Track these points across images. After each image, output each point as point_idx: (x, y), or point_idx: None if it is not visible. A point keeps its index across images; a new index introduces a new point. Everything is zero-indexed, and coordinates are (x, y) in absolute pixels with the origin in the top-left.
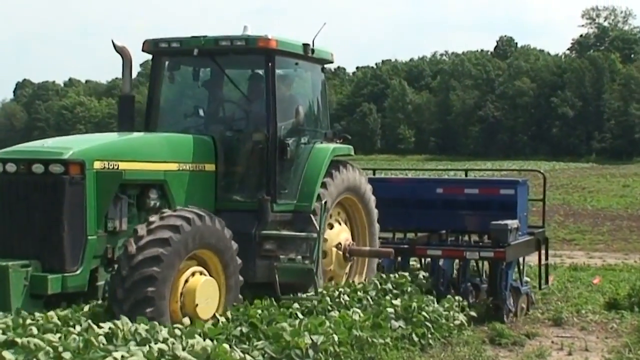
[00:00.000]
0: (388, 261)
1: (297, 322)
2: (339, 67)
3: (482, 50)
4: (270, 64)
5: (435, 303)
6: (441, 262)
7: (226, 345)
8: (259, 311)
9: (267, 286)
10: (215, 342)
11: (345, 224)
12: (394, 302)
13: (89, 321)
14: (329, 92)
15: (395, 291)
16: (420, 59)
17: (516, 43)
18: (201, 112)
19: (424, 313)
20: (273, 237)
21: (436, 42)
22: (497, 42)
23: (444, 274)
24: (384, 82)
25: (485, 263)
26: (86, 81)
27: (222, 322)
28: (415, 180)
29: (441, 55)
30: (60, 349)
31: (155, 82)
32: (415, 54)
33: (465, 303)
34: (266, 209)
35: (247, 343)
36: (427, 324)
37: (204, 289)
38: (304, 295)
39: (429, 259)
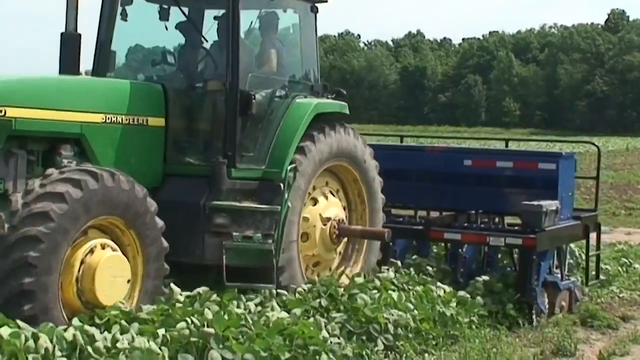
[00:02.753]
0: (403, 244)
1: (377, 295)
2: (444, 38)
3: (592, 24)
4: None
5: None
6: (465, 247)
7: (309, 320)
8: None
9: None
10: (293, 313)
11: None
12: (479, 278)
13: None
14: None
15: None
16: (528, 31)
17: (628, 16)
18: (163, 58)
19: (510, 290)
20: (226, 210)
21: (545, 14)
22: (609, 15)
23: (466, 262)
24: (490, 53)
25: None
26: None
27: (300, 292)
28: (438, 149)
29: (550, 27)
30: None
31: (108, 19)
32: (523, 26)
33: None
34: (220, 174)
35: (325, 315)
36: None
37: (105, 269)
38: (258, 285)
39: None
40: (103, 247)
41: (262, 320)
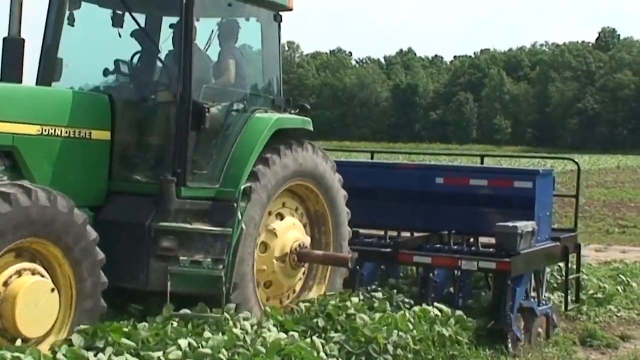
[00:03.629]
0: (370, 268)
1: (376, 315)
2: (436, 55)
3: (583, 42)
4: (185, 3)
5: None
6: (437, 271)
7: (306, 341)
8: (332, 301)
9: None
10: (290, 334)
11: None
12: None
13: None
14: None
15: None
16: (519, 49)
17: (619, 35)
18: (115, 67)
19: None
20: (173, 232)
21: (536, 32)
22: (599, 33)
23: (437, 287)
24: (481, 71)
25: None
26: None
27: (297, 311)
28: (409, 166)
29: (541, 45)
30: None
31: (55, 24)
32: (515, 43)
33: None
34: (168, 193)
35: (323, 335)
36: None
37: (29, 295)
38: (204, 314)
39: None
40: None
41: (259, 341)
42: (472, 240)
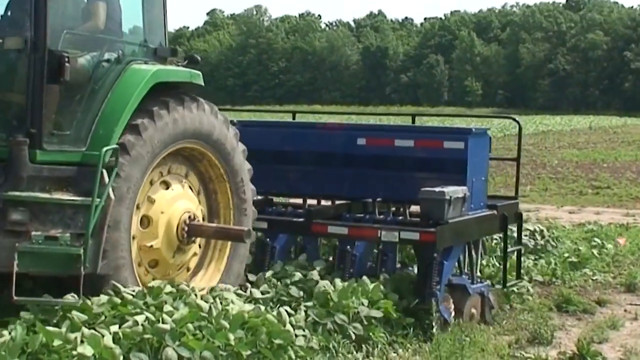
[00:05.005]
0: (284, 240)
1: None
2: (406, 17)
3: (553, 2)
4: None
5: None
6: (356, 243)
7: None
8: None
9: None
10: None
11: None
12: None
13: None
14: None
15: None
16: (489, 10)
17: None
18: None
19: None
20: (25, 202)
21: None
22: None
23: (356, 261)
24: (452, 33)
25: None
26: None
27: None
28: (327, 126)
29: (511, 6)
30: None
31: None
32: (485, 4)
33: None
34: (19, 157)
35: (292, 305)
36: None
37: None
38: (56, 300)
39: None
40: None
41: (222, 313)
42: (402, 209)
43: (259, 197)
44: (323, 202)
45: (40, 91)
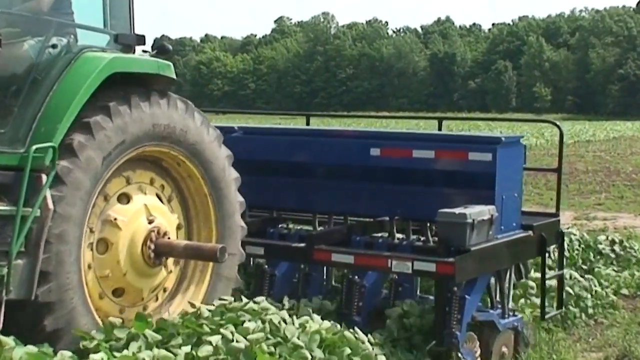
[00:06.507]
0: (286, 267)
1: None
2: (474, 23)
3: (623, 6)
4: None
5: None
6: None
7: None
8: None
9: None
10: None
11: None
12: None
13: None
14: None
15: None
16: (558, 16)
17: None
18: None
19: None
20: None
21: None
22: None
23: (363, 294)
24: (520, 39)
25: None
26: (222, 37)
27: None
28: (334, 133)
29: (580, 11)
30: None
31: None
32: (553, 10)
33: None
34: None
35: None
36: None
37: None
38: None
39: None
40: None
41: (299, 331)
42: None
43: (265, 214)
44: (335, 218)
45: None
